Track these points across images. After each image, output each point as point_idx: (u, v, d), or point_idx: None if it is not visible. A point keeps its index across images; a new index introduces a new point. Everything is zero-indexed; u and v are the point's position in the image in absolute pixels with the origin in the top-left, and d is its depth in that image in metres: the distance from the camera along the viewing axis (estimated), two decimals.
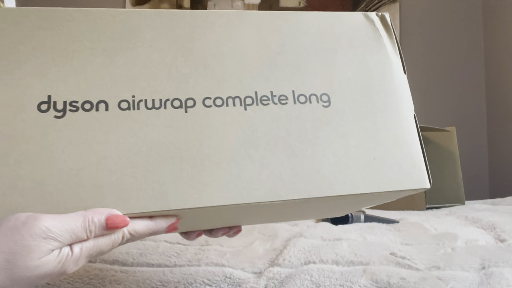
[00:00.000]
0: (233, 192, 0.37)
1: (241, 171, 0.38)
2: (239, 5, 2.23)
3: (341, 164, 0.40)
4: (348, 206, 0.49)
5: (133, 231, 0.36)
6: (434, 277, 0.53)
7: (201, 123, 0.38)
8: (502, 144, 2.02)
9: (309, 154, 0.40)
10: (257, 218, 0.51)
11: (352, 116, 0.42)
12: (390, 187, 0.41)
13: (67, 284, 0.58)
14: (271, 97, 0.40)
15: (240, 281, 0.57)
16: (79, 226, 0.33)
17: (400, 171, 0.41)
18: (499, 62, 2.05)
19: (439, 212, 1.04)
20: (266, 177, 0.38)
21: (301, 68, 0.42)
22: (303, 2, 2.21)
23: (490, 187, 2.12)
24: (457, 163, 1.25)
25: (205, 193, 0.37)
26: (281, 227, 0.74)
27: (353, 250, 0.61)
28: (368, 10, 2.18)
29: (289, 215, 0.52)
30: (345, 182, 0.40)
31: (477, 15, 2.20)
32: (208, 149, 0.38)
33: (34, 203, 0.34)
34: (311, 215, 0.56)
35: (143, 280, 0.58)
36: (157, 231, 0.37)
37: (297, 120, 0.40)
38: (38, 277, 0.32)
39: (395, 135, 0.42)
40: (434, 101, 2.16)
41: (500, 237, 0.67)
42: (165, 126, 0.38)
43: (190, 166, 0.37)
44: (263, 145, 0.39)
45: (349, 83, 0.43)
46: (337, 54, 0.44)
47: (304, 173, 0.39)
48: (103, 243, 0.35)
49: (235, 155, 0.38)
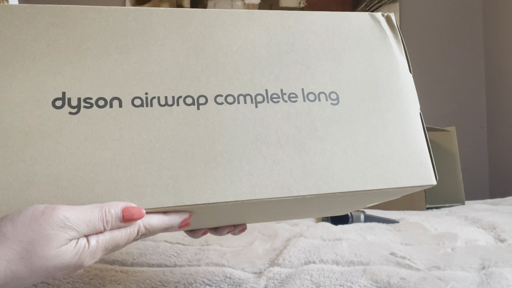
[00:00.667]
0: (246, 188, 0.38)
1: (253, 168, 0.39)
2: (239, 5, 2.23)
3: (350, 161, 0.41)
4: (355, 203, 0.50)
5: (148, 225, 0.36)
6: (434, 277, 0.53)
7: (213, 120, 0.39)
8: (502, 144, 2.02)
9: (319, 151, 0.40)
10: (265, 215, 0.51)
11: (360, 114, 0.43)
12: (398, 183, 0.41)
13: (67, 284, 0.58)
14: (281, 95, 0.41)
15: (240, 281, 0.57)
16: (96, 217, 0.34)
17: (407, 168, 0.42)
18: (499, 62, 2.05)
19: (439, 212, 1.04)
20: (277, 174, 0.39)
21: (310, 67, 0.43)
22: (303, 2, 2.21)
23: (490, 187, 2.12)
24: (457, 163, 1.25)
25: (218, 188, 0.37)
26: (281, 227, 0.74)
27: (353, 250, 0.61)
28: (368, 10, 2.18)
29: (297, 212, 0.52)
30: (354, 179, 0.40)
31: (477, 15, 2.20)
32: (220, 146, 0.39)
33: (50, 198, 0.35)
34: (317, 212, 0.56)
35: (143, 280, 0.58)
36: (171, 226, 0.38)
37: (307, 118, 0.41)
38: (56, 268, 0.32)
39: (402, 133, 0.43)
40: (434, 101, 2.16)
41: (500, 237, 0.67)
42: (178, 123, 0.38)
43: (203, 162, 0.38)
44: (274, 142, 0.40)
45: (357, 82, 0.44)
46: (345, 54, 0.45)
47: (314, 169, 0.40)
48: (119, 236, 0.35)
49: (247, 152, 0.39)
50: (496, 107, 2.07)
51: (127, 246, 0.66)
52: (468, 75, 2.18)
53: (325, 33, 0.45)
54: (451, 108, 2.16)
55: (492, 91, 2.12)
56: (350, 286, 0.54)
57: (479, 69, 2.18)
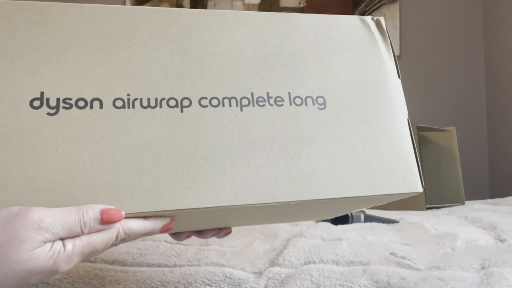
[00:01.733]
0: (228, 194, 0.37)
1: (236, 172, 0.38)
2: (239, 5, 2.23)
3: (336, 167, 0.40)
4: (341, 208, 0.49)
5: (128, 229, 0.35)
6: (434, 277, 0.53)
7: (197, 123, 0.38)
8: (502, 144, 2.02)
9: (304, 156, 0.40)
10: (250, 219, 0.50)
11: (347, 119, 0.42)
12: (384, 190, 0.41)
13: (67, 284, 0.58)
14: (267, 98, 0.40)
15: (240, 281, 0.57)
16: (73, 218, 0.32)
17: (393, 175, 0.41)
18: (499, 62, 2.05)
19: (439, 212, 1.04)
20: (261, 179, 0.38)
21: (297, 70, 0.42)
22: (303, 2, 2.21)
23: (490, 187, 2.12)
24: (457, 163, 1.25)
25: (200, 194, 0.36)
26: (281, 227, 0.74)
27: (353, 250, 0.61)
28: (368, 10, 2.18)
29: (283, 217, 0.52)
30: (339, 185, 0.40)
31: (477, 15, 2.20)
32: (204, 150, 0.38)
33: (26, 201, 0.34)
34: (305, 217, 0.55)
35: (143, 280, 0.58)
36: (152, 231, 0.37)
37: (293, 122, 0.40)
38: (30, 272, 0.31)
39: (389, 139, 0.42)
40: (434, 101, 2.16)
41: (500, 237, 0.67)
42: (161, 126, 0.37)
43: (185, 166, 0.37)
44: (259, 146, 0.39)
45: (345, 86, 0.43)
46: (333, 57, 0.44)
47: (299, 175, 0.39)
48: (97, 240, 0.34)
49: (231, 156, 0.38)
50: (496, 107, 2.07)
51: (127, 246, 0.66)
52: (468, 75, 2.18)
53: (313, 36, 0.44)
54: (451, 108, 2.16)
55: (492, 91, 2.12)
56: (350, 286, 0.54)
57: (479, 69, 2.18)
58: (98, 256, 0.63)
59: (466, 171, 2.11)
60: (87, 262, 0.62)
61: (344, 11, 2.19)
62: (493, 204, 1.14)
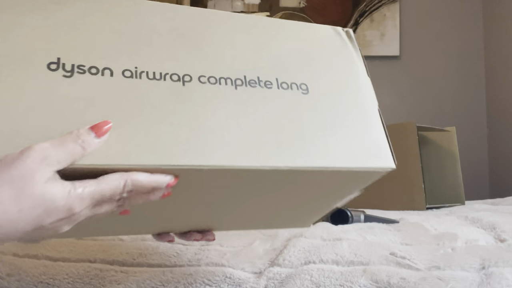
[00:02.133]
0: (227, 155, 0.41)
1: (233, 139, 0.42)
2: (239, 5, 2.23)
3: (320, 142, 0.45)
4: (324, 194, 0.53)
5: (135, 180, 0.37)
6: (434, 277, 0.53)
7: (197, 95, 0.42)
8: (502, 144, 2.02)
9: (293, 130, 0.44)
10: (236, 216, 0.54)
11: (327, 103, 0.47)
12: (361, 163, 0.46)
13: (67, 284, 0.58)
14: (258, 81, 0.46)
15: (240, 281, 0.57)
16: (71, 142, 0.35)
17: (369, 152, 0.47)
18: (499, 62, 2.05)
19: (439, 212, 1.04)
20: (256, 145, 0.42)
21: (283, 63, 0.48)
22: (303, 2, 2.21)
23: (490, 187, 2.12)
24: (457, 163, 1.25)
25: (202, 153, 0.40)
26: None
27: (353, 250, 0.61)
28: (368, 10, 2.18)
29: (269, 215, 0.55)
30: (324, 157, 0.44)
31: (477, 15, 2.20)
32: (203, 118, 0.41)
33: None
34: (294, 211, 0.58)
35: (143, 280, 0.58)
36: (157, 185, 0.38)
37: (280, 101, 0.45)
38: (45, 210, 0.32)
39: (364, 122, 0.48)
40: (434, 101, 2.16)
41: (500, 237, 0.67)
42: (165, 95, 0.41)
43: (188, 130, 0.40)
44: (253, 118, 0.43)
45: (324, 79, 0.49)
46: (313, 55, 0.50)
47: (289, 146, 0.43)
48: (105, 188, 0.35)
49: (228, 125, 0.42)
50: (496, 107, 2.07)
51: (127, 246, 0.66)
52: (468, 75, 2.18)
53: (296, 36, 0.50)
54: (451, 108, 2.16)
55: (492, 91, 2.12)
56: (350, 286, 0.54)
57: (479, 69, 2.18)
58: (98, 256, 0.63)
59: (466, 171, 2.10)
60: (86, 262, 0.62)
61: (344, 11, 2.19)
62: (493, 204, 1.14)
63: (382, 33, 2.16)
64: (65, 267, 0.61)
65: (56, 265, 0.61)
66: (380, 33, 2.17)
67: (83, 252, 0.65)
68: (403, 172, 1.15)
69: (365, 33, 2.17)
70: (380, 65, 2.19)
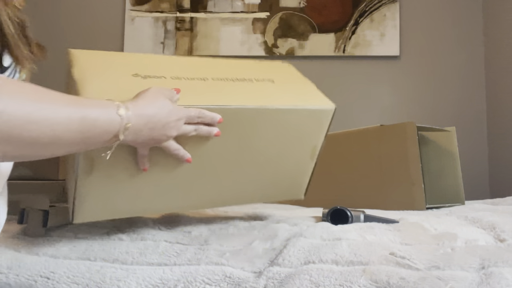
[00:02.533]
0: (240, 102, 0.70)
1: (243, 93, 0.74)
2: (239, 5, 2.23)
3: (281, 98, 0.76)
4: (292, 140, 0.78)
5: (203, 112, 0.64)
6: (434, 277, 0.53)
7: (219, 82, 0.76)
8: (502, 144, 2.02)
9: (266, 96, 0.76)
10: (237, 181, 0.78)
11: (287, 88, 0.81)
12: (306, 105, 0.76)
13: (66, 279, 0.58)
14: (246, 80, 0.79)
15: (239, 281, 0.57)
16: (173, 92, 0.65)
17: (314, 101, 0.79)
18: (499, 62, 2.05)
19: (439, 212, 1.04)
20: (254, 97, 0.75)
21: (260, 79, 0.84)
22: (303, 2, 2.21)
23: (490, 187, 2.12)
24: (457, 163, 1.25)
25: (226, 100, 0.69)
26: (281, 227, 0.74)
27: (352, 250, 0.61)
28: (368, 10, 2.18)
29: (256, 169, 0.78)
30: (283, 103, 0.74)
31: (477, 15, 2.20)
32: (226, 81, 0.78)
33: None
34: (275, 175, 0.82)
35: (143, 278, 0.58)
36: (213, 120, 0.65)
37: (258, 86, 0.79)
38: (169, 112, 0.61)
39: (314, 95, 0.81)
40: (434, 101, 2.17)
41: (500, 237, 0.67)
42: (208, 85, 0.73)
43: (220, 93, 0.72)
44: (249, 85, 0.78)
45: (285, 77, 0.86)
46: (273, 68, 0.90)
47: (265, 99, 0.75)
48: (191, 110, 0.64)
49: (239, 89, 0.75)
50: (496, 107, 2.07)
51: (127, 246, 0.66)
52: (468, 75, 2.18)
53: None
54: (451, 108, 2.16)
55: (492, 91, 2.12)
56: (349, 286, 0.54)
57: (479, 69, 2.18)
58: (99, 255, 0.63)
59: (466, 171, 2.10)
60: (87, 260, 0.62)
61: (344, 11, 2.19)
62: (493, 204, 1.14)
63: (382, 33, 2.16)
64: (66, 263, 0.61)
65: (56, 262, 0.61)
66: (380, 33, 2.16)
67: (83, 251, 0.65)
68: (403, 172, 1.15)
69: (365, 33, 2.17)
70: (380, 65, 2.19)
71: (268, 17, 2.22)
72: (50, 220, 0.72)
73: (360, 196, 1.23)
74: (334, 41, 2.18)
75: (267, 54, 2.20)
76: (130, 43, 2.24)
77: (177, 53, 2.22)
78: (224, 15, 2.23)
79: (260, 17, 2.22)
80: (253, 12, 2.22)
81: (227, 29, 2.22)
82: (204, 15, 2.24)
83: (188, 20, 2.24)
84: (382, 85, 2.18)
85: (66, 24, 2.31)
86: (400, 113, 2.16)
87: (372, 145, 1.24)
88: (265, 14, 2.22)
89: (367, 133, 1.27)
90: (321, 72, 2.17)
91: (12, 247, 0.66)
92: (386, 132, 1.20)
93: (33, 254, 0.64)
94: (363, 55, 2.18)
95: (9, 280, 0.58)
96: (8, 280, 0.58)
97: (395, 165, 1.17)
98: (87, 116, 0.47)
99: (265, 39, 2.20)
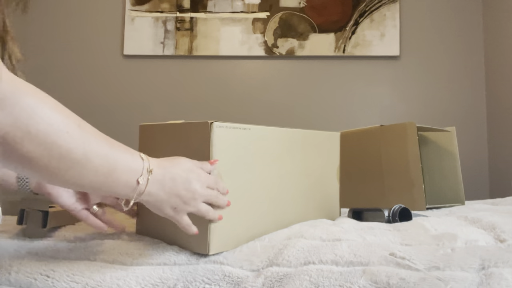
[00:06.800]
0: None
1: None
2: (239, 5, 2.23)
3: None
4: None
5: (218, 181, 0.64)
6: (434, 278, 0.53)
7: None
8: (502, 144, 2.02)
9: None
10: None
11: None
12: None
13: (66, 277, 0.58)
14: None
15: (239, 280, 0.57)
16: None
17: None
18: (499, 62, 2.05)
19: (439, 212, 1.04)
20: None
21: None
22: (303, 2, 2.21)
23: (490, 187, 2.12)
24: (457, 163, 1.25)
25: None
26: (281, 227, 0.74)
27: (352, 251, 0.61)
28: (368, 10, 2.18)
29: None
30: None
31: (477, 15, 2.20)
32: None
33: None
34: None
35: (142, 277, 0.58)
36: (223, 189, 0.66)
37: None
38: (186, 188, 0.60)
39: None
40: (434, 101, 2.17)
41: (500, 237, 0.67)
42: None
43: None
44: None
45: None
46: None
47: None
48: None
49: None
50: (496, 107, 2.07)
51: (127, 246, 0.66)
52: (468, 75, 2.18)
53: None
54: (451, 108, 2.16)
55: (492, 91, 2.12)
56: (349, 286, 0.54)
57: (479, 69, 2.18)
58: (98, 256, 0.63)
59: (466, 171, 2.11)
60: (86, 261, 0.62)
61: (344, 11, 2.19)
62: (493, 204, 1.14)
63: (382, 33, 2.16)
64: (66, 263, 0.61)
65: (56, 261, 0.61)
66: (380, 33, 2.16)
67: (83, 252, 0.65)
68: (403, 172, 1.15)
69: (365, 33, 2.17)
70: (380, 65, 2.19)
71: (268, 17, 2.22)
72: (49, 221, 0.72)
73: (360, 196, 1.24)
74: (334, 41, 2.18)
75: (267, 54, 2.20)
76: (130, 43, 2.25)
77: (177, 53, 2.22)
78: (224, 15, 2.23)
79: (260, 17, 2.22)
80: (253, 12, 2.22)
81: (227, 29, 2.22)
82: (204, 15, 2.24)
83: (188, 20, 2.24)
84: (382, 85, 2.18)
85: (66, 24, 2.31)
86: (400, 113, 2.16)
87: (372, 145, 1.24)
88: (265, 14, 2.22)
89: (367, 133, 1.27)
90: (321, 72, 2.17)
91: (12, 247, 0.66)
92: (386, 132, 1.20)
93: (32, 254, 0.64)
94: (363, 55, 2.18)
95: (9, 277, 0.58)
96: (8, 277, 0.58)
97: (395, 165, 1.17)
98: (114, 155, 0.52)
99: (265, 39, 2.20)
